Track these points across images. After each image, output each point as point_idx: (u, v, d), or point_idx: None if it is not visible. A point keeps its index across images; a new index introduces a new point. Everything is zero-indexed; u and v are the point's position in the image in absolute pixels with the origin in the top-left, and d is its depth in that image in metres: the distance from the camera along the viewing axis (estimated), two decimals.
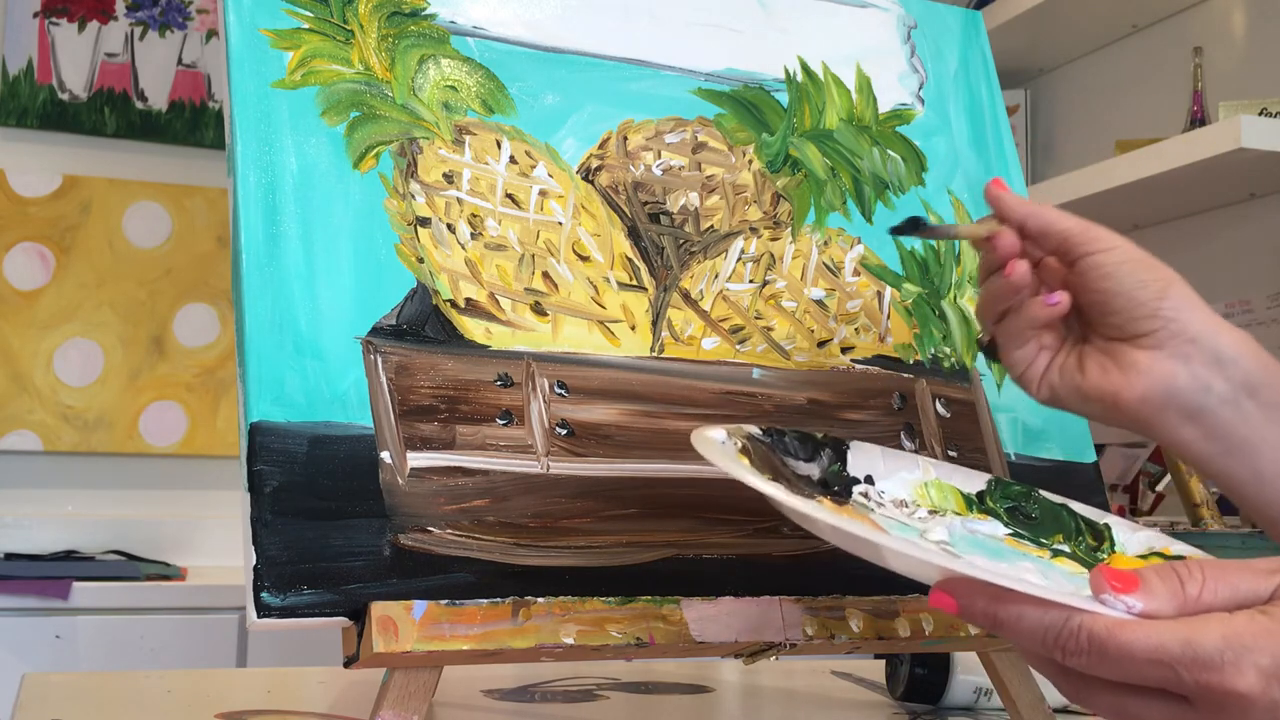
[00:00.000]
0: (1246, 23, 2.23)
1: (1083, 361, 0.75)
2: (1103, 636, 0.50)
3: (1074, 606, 0.51)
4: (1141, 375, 0.73)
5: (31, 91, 2.84)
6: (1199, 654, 0.49)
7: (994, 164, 0.98)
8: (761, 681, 1.17)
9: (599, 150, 0.84)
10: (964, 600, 0.54)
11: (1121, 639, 0.50)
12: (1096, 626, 0.51)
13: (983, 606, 0.53)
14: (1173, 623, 0.51)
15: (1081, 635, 0.51)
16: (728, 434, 0.69)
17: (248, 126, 0.74)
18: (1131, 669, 0.50)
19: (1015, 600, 0.52)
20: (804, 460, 0.73)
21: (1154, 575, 0.52)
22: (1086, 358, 0.75)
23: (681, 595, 0.73)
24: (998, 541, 0.70)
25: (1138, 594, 0.52)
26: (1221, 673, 0.49)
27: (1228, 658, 0.49)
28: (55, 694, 0.97)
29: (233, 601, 2.37)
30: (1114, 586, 0.52)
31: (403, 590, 0.68)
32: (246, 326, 0.70)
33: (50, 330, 2.79)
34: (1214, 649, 0.49)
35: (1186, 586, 0.52)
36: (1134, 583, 0.52)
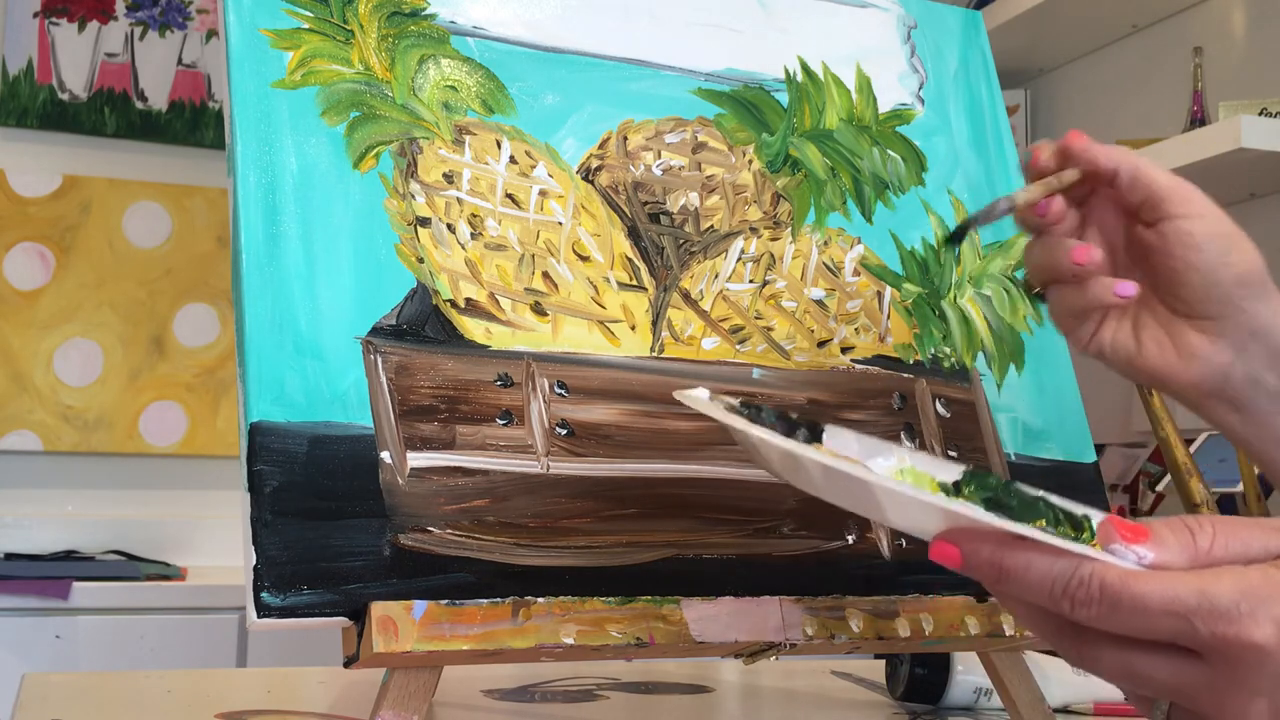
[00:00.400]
0: (1246, 23, 2.23)
1: (1139, 333, 0.73)
2: (1116, 586, 0.49)
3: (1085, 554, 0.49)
4: (1197, 362, 0.72)
5: (31, 91, 2.84)
6: (1215, 604, 0.48)
7: (994, 164, 0.98)
8: (761, 681, 1.17)
9: (599, 150, 0.84)
10: (968, 548, 0.51)
11: (1135, 589, 0.48)
12: (1109, 575, 0.49)
13: (988, 555, 0.51)
14: (1186, 574, 0.49)
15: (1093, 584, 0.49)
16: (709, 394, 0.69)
17: (248, 126, 0.74)
18: (1145, 620, 0.49)
19: (1023, 548, 0.50)
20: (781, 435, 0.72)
21: (1164, 527, 0.51)
22: (1143, 329, 0.73)
23: (681, 595, 0.74)
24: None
25: (1149, 544, 0.50)
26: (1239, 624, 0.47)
27: (1244, 609, 0.47)
28: (55, 694, 0.97)
29: (233, 601, 2.37)
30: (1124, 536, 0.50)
31: (403, 590, 0.68)
32: (246, 326, 0.70)
33: (50, 330, 2.79)
34: (1230, 600, 0.48)
35: (1198, 539, 0.50)
36: (1144, 534, 0.50)
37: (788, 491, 0.80)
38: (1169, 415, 1.26)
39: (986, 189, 0.97)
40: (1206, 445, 1.84)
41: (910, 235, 0.92)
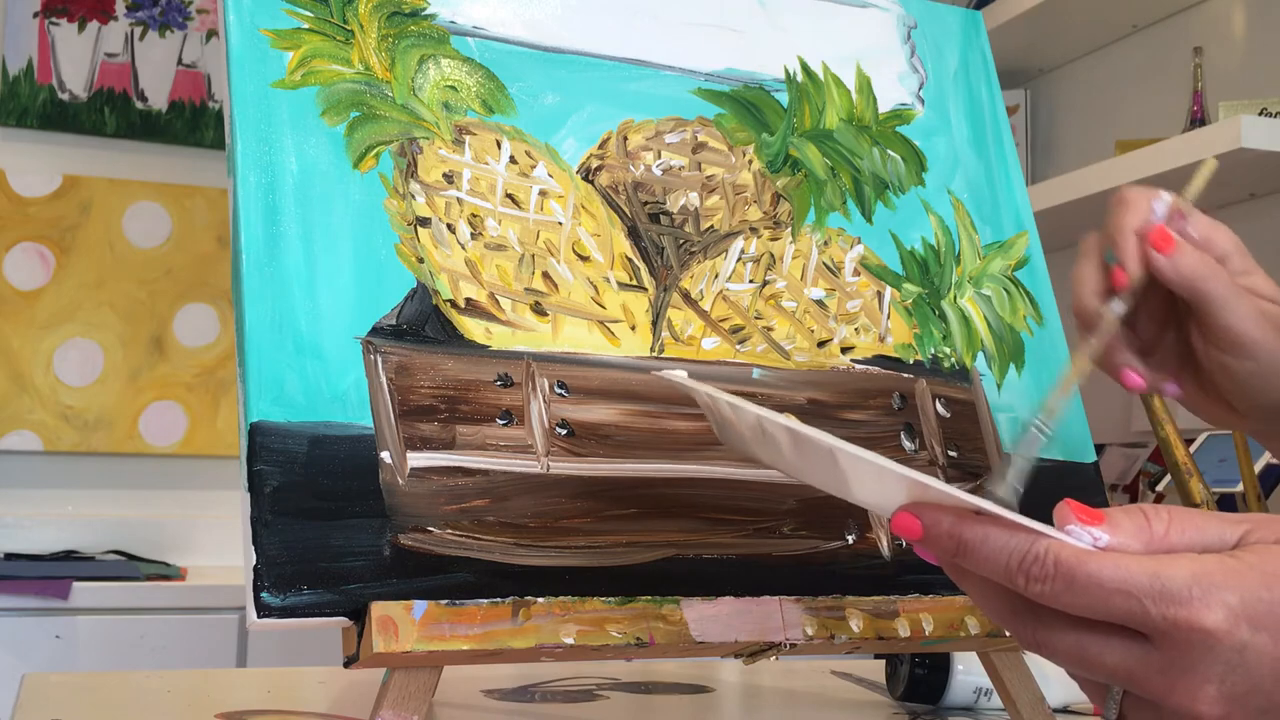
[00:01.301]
0: (1246, 23, 2.23)
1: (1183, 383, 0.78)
2: (1071, 563, 0.49)
3: (1041, 531, 0.50)
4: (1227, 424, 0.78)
5: (31, 91, 2.84)
6: (1168, 587, 0.48)
7: (994, 164, 0.98)
8: (761, 681, 1.17)
9: (599, 150, 0.84)
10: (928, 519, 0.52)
11: (1090, 567, 0.48)
12: (1065, 553, 0.49)
13: (947, 527, 0.51)
14: (1141, 556, 0.49)
15: (1049, 560, 0.49)
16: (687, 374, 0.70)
17: (248, 126, 0.74)
18: (1097, 600, 0.49)
19: (981, 522, 0.51)
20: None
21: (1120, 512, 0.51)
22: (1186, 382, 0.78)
23: (681, 595, 0.74)
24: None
25: (1104, 526, 0.50)
26: (1190, 607, 0.47)
27: (1196, 593, 0.48)
28: (55, 694, 0.97)
29: (233, 601, 2.37)
30: (1080, 518, 0.50)
31: (403, 590, 0.68)
32: (246, 326, 0.70)
33: (50, 330, 2.79)
34: (1183, 583, 0.48)
35: (1153, 525, 0.51)
36: (1100, 517, 0.50)
37: (788, 491, 0.80)
38: (1169, 415, 1.26)
39: (986, 189, 0.97)
40: (1206, 445, 1.84)
41: (910, 235, 0.92)
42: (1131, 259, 0.73)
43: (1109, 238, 0.75)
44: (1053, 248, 0.83)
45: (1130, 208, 0.75)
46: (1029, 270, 0.95)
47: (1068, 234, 2.38)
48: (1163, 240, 0.72)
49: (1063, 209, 2.16)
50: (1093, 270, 0.75)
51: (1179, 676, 0.48)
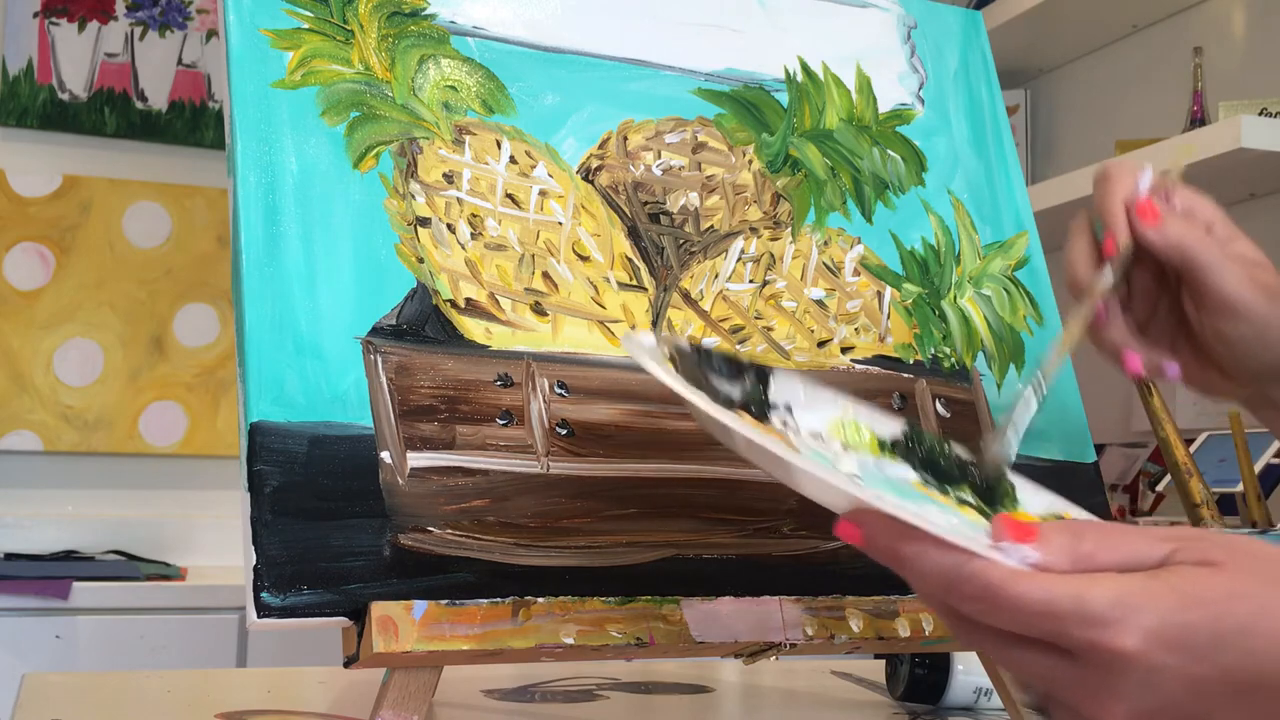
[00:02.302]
0: (1246, 23, 2.23)
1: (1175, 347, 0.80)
2: (996, 586, 0.51)
3: (972, 552, 0.51)
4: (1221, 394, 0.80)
5: (31, 91, 2.84)
6: (1088, 610, 0.50)
7: (994, 164, 0.98)
8: (761, 681, 1.17)
9: (599, 150, 0.84)
10: (868, 532, 0.54)
11: (1014, 590, 0.50)
12: (992, 575, 0.51)
13: (884, 542, 0.54)
14: (1065, 577, 0.51)
15: (976, 582, 0.51)
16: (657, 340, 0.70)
17: (248, 126, 0.74)
18: (1021, 620, 0.51)
19: (917, 538, 0.53)
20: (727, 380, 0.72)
21: (1052, 529, 0.53)
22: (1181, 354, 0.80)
23: (681, 595, 0.74)
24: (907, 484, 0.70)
25: (1035, 545, 0.52)
26: (1109, 630, 0.49)
27: (1114, 615, 0.49)
28: (55, 694, 0.98)
29: (233, 601, 2.37)
30: (1013, 535, 0.52)
31: (403, 590, 0.68)
32: (246, 326, 0.70)
33: (50, 330, 2.79)
34: (1103, 607, 0.50)
35: (1082, 543, 0.52)
36: (1032, 533, 0.52)
37: (788, 491, 0.80)
38: (1169, 415, 1.26)
39: (986, 189, 0.97)
40: (1206, 445, 1.84)
41: (910, 235, 0.92)
42: (1120, 228, 0.76)
43: (1097, 210, 0.78)
44: (1053, 248, 0.83)
45: (1116, 181, 0.78)
46: (1029, 270, 0.95)
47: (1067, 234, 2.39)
48: (1149, 212, 0.76)
49: (1063, 209, 2.16)
50: (1084, 243, 0.78)
51: (1093, 692, 0.50)
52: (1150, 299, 0.80)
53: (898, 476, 0.70)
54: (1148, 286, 0.80)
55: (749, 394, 0.72)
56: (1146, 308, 0.81)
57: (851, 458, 0.70)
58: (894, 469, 0.71)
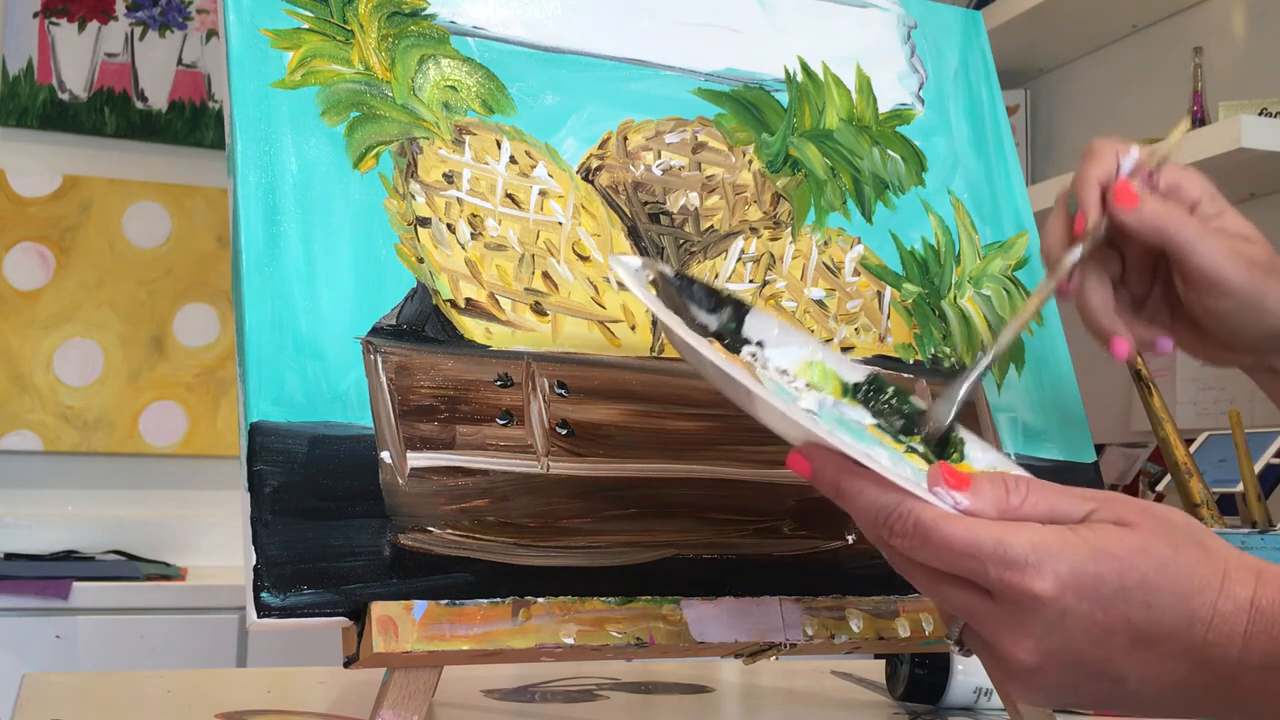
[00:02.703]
0: (1246, 23, 2.23)
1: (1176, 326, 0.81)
2: (927, 525, 0.55)
3: (908, 492, 0.56)
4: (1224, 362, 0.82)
5: (31, 91, 2.84)
6: (1007, 554, 0.54)
7: (994, 164, 0.98)
8: (761, 681, 1.17)
9: (599, 150, 0.84)
10: (816, 465, 0.58)
11: (943, 530, 0.55)
12: (924, 515, 0.55)
13: (830, 475, 0.58)
14: (990, 523, 0.55)
15: (909, 520, 0.56)
16: (641, 264, 0.72)
17: (248, 126, 0.74)
18: (947, 558, 0.55)
19: (860, 475, 0.57)
20: (705, 310, 0.75)
21: (985, 480, 0.57)
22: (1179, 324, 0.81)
23: (681, 595, 0.74)
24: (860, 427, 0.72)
25: (967, 492, 0.56)
26: (1023, 573, 0.54)
27: (1031, 560, 0.54)
28: (55, 694, 0.98)
29: (233, 601, 2.37)
30: (948, 482, 0.57)
31: (403, 590, 0.68)
32: (246, 326, 0.70)
33: (50, 330, 2.79)
34: (1021, 551, 0.54)
35: (1010, 496, 0.57)
36: (966, 482, 0.57)
37: (787, 491, 0.80)
38: (1169, 415, 1.26)
39: (986, 189, 0.97)
40: (1206, 445, 1.84)
41: (910, 235, 0.92)
42: (1091, 207, 0.78)
43: (1073, 186, 0.79)
44: None
45: (1095, 159, 0.79)
46: (1029, 270, 0.95)
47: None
48: (1125, 196, 0.77)
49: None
50: (1059, 219, 0.79)
51: (1006, 627, 0.55)
52: (1146, 277, 0.82)
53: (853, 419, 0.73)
54: (1141, 264, 0.81)
55: (724, 326, 0.74)
56: (1142, 284, 0.82)
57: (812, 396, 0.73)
58: (852, 412, 0.74)
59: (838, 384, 0.75)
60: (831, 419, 0.71)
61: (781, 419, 0.60)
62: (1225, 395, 2.16)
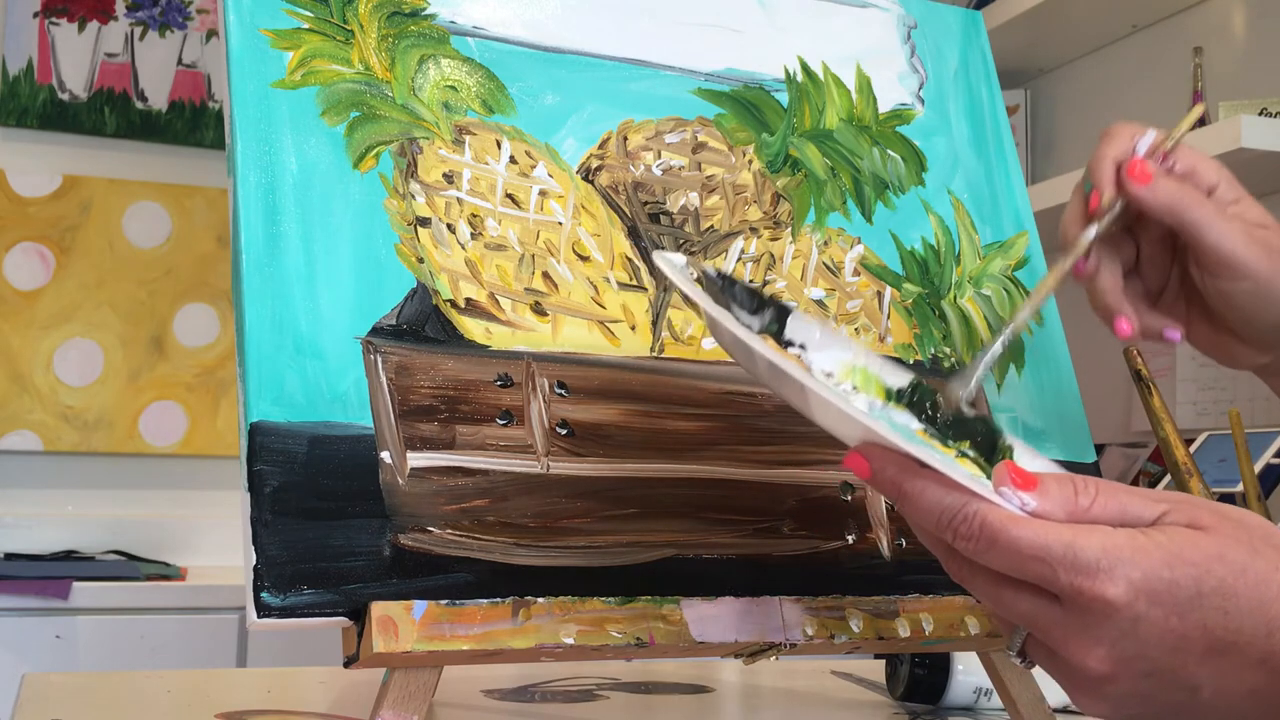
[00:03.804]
0: (1246, 23, 2.23)
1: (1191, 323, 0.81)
2: (995, 527, 0.54)
3: (975, 492, 0.54)
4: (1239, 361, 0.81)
5: (31, 91, 2.84)
6: (1079, 558, 0.53)
7: (994, 164, 0.98)
8: (761, 681, 1.17)
9: (599, 150, 0.84)
10: (876, 465, 0.57)
11: (1011, 533, 0.53)
12: (991, 516, 0.54)
13: (892, 475, 0.57)
14: (1060, 526, 0.54)
15: (975, 521, 0.54)
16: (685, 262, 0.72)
17: (248, 126, 0.74)
18: (1015, 562, 0.54)
19: (922, 475, 0.56)
20: (747, 312, 0.74)
21: (1052, 480, 0.56)
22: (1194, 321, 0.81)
23: (681, 595, 0.74)
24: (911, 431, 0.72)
25: (1035, 493, 0.55)
26: (1095, 578, 0.52)
27: (1103, 565, 0.52)
28: (55, 694, 0.98)
29: (233, 601, 2.37)
30: (1015, 482, 0.55)
31: (403, 590, 0.68)
32: (246, 326, 0.70)
33: (50, 330, 2.79)
34: (1093, 556, 0.53)
35: (1080, 497, 0.55)
36: (1033, 482, 0.55)
37: (787, 491, 0.80)
38: (1169, 415, 1.26)
39: (986, 189, 0.97)
40: (1206, 445, 1.84)
41: (910, 235, 0.92)
42: (1106, 185, 0.78)
43: (1089, 167, 0.79)
44: (1053, 248, 0.84)
45: (1112, 140, 0.79)
46: (1029, 270, 0.96)
47: None
48: (1139, 173, 0.76)
49: (1063, 209, 2.16)
50: (1076, 200, 0.80)
51: (1077, 634, 0.54)
52: (1161, 267, 0.81)
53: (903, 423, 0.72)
54: (1157, 254, 0.81)
55: (766, 327, 0.74)
56: (1158, 276, 0.82)
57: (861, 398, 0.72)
58: (899, 416, 0.73)
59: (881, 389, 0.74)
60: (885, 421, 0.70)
61: (839, 416, 0.58)
62: (1225, 395, 2.16)
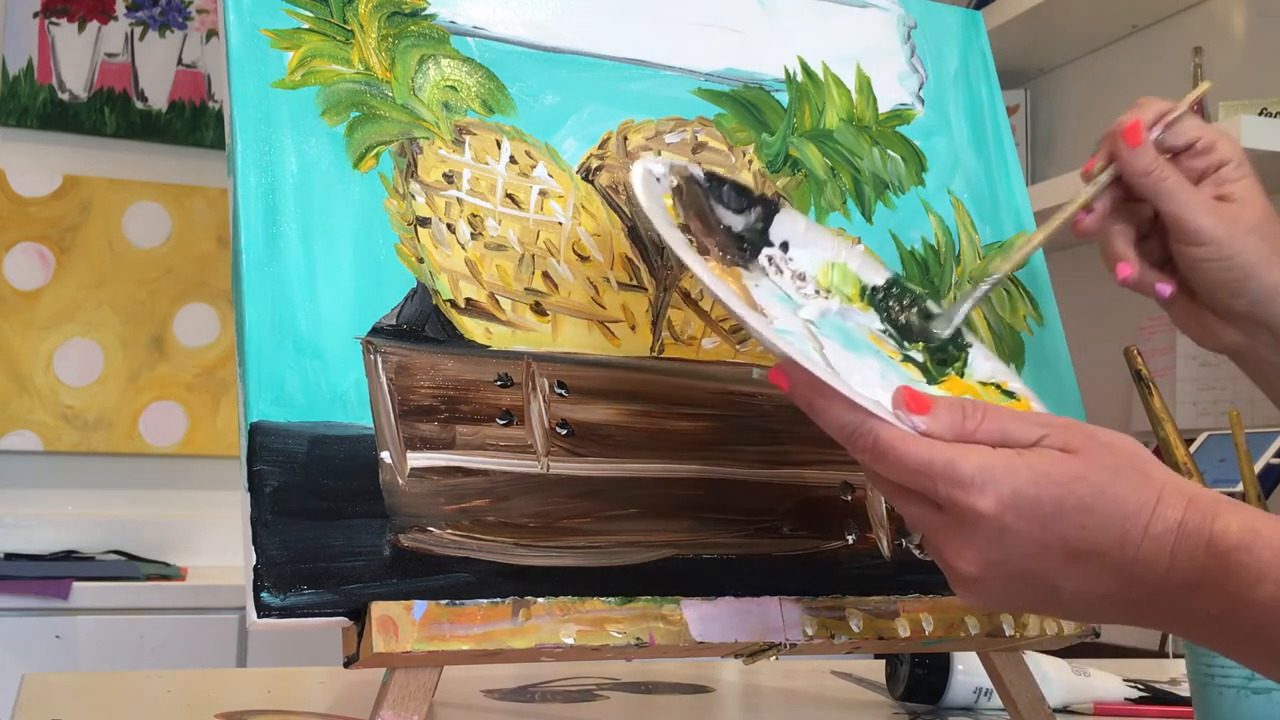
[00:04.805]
0: (1246, 23, 2.23)
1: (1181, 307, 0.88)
2: (884, 443, 0.61)
3: (871, 413, 0.61)
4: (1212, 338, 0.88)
5: (31, 91, 2.84)
6: (956, 473, 0.60)
7: (994, 164, 0.98)
8: (761, 681, 1.17)
9: (599, 150, 0.84)
10: (792, 382, 0.64)
11: (899, 449, 0.61)
12: (884, 434, 0.61)
13: (804, 393, 0.63)
14: (944, 444, 0.61)
15: (869, 438, 0.61)
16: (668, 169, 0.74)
17: (248, 126, 0.74)
18: (901, 474, 0.61)
19: (830, 394, 0.62)
20: (732, 211, 0.77)
21: (944, 404, 0.62)
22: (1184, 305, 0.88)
23: (681, 595, 0.74)
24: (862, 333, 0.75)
25: (926, 416, 0.62)
26: (969, 491, 0.59)
27: (976, 481, 0.59)
28: (55, 694, 0.98)
29: (233, 601, 2.37)
30: (909, 405, 0.62)
31: (403, 590, 0.68)
32: (246, 326, 0.70)
33: (50, 330, 2.79)
34: (968, 472, 0.59)
35: (966, 420, 0.62)
36: (925, 406, 0.62)
37: (788, 491, 0.80)
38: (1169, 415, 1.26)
39: (986, 189, 0.97)
40: (1206, 445, 1.84)
41: (910, 235, 0.92)
42: (1102, 150, 0.87)
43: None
44: (1053, 248, 0.84)
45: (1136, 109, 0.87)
46: (1029, 270, 0.95)
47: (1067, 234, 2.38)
48: (1130, 133, 0.85)
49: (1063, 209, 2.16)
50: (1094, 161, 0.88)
51: (952, 539, 0.61)
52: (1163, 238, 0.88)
53: (858, 324, 0.76)
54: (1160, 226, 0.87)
55: (750, 226, 0.76)
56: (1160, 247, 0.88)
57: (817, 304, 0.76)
58: (859, 316, 0.77)
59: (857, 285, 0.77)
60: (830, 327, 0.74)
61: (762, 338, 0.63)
62: (1225, 395, 2.16)
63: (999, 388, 0.78)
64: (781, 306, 0.70)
